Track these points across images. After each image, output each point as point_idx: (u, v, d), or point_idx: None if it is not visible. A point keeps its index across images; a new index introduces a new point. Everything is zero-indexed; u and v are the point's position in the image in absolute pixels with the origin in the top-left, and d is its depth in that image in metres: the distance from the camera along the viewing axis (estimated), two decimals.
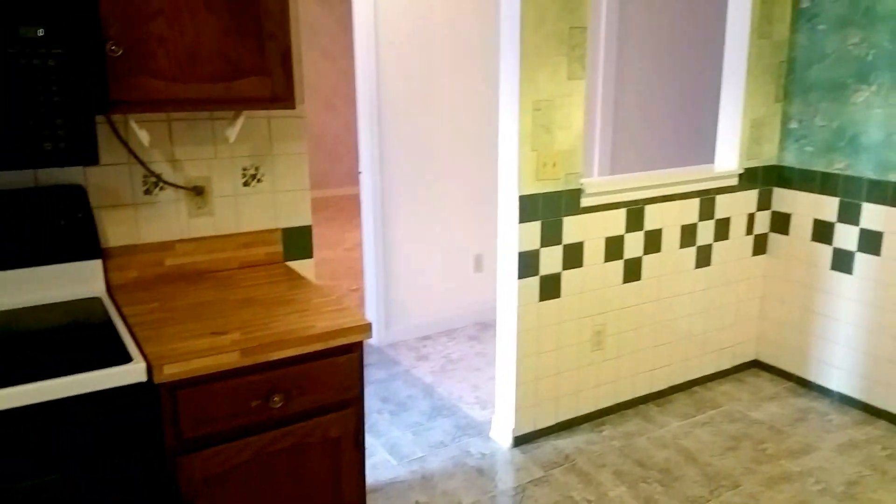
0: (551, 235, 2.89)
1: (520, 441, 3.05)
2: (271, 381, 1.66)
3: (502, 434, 3.05)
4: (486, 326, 4.40)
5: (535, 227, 2.84)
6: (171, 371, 1.51)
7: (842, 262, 3.31)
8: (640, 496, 2.69)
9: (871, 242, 3.18)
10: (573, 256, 2.98)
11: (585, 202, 2.94)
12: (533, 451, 3.00)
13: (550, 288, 2.95)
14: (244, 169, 2.17)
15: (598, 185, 2.95)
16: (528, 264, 2.86)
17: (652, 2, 4.48)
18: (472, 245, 4.34)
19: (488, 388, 3.57)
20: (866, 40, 3.08)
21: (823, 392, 3.48)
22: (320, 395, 1.73)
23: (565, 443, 3.07)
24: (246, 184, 2.18)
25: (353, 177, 8.74)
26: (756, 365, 3.79)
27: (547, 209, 2.85)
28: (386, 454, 3.00)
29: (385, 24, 3.77)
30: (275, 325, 1.72)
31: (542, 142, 2.75)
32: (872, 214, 3.16)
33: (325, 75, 8.25)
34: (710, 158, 4.52)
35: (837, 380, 3.41)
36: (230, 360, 1.58)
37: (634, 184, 3.05)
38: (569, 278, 2.99)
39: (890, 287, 3.14)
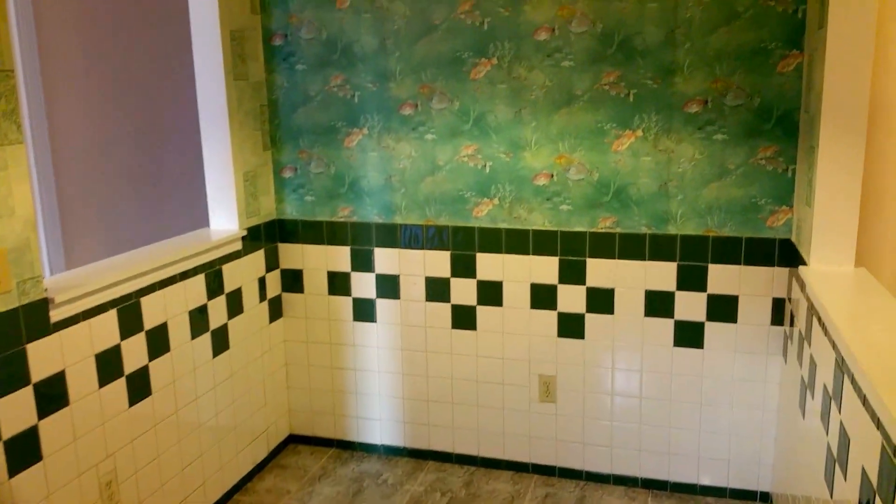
0: (12, 377, 1.91)
1: None
2: None
3: None
4: None
5: None
6: None
7: (363, 311, 3.15)
8: None
9: (388, 287, 3.08)
10: (52, 395, 2.04)
11: (57, 315, 2.04)
12: None
13: (24, 452, 1.96)
14: None
15: (72, 286, 2.08)
16: None
17: (85, 41, 3.63)
18: None
19: None
20: (349, 81, 2.94)
21: (368, 449, 3.29)
22: None
23: None
24: None
25: None
26: (293, 440, 3.39)
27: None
28: None
29: None
30: None
31: None
32: (385, 258, 3.06)
33: None
34: (194, 222, 3.90)
35: (380, 433, 3.26)
36: None
37: (123, 274, 2.27)
38: (51, 429, 2.04)
39: (412, 327, 3.09)
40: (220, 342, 2.80)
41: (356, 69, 2.92)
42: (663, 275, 2.77)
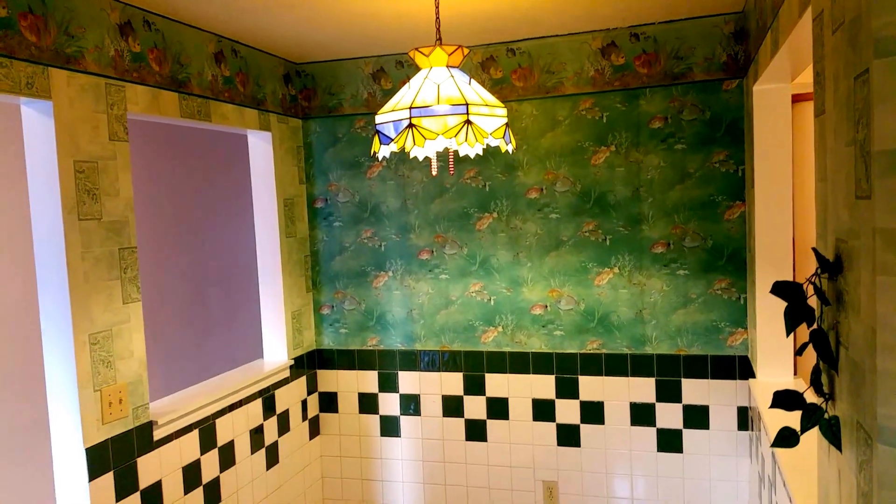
0: (126, 485, 2.42)
1: None
2: None
3: None
4: None
5: (107, 481, 2.33)
6: None
7: (389, 427, 3.65)
8: None
9: (410, 405, 3.60)
10: (153, 500, 2.54)
11: (159, 434, 2.57)
12: None
13: None
14: None
15: (169, 411, 2.62)
16: None
17: (164, 201, 4.35)
18: None
19: None
20: (377, 234, 3.60)
21: None
22: None
23: None
24: None
25: None
26: None
27: (118, 455, 2.39)
28: None
29: None
30: None
31: (103, 378, 2.33)
32: (408, 380, 3.60)
33: None
34: (242, 350, 4.47)
35: None
36: None
37: (205, 399, 2.81)
38: None
39: (431, 440, 3.58)
40: (272, 457, 3.29)
41: (383, 224, 3.59)
42: (644, 389, 3.30)
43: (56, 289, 2.22)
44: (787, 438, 1.46)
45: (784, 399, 1.50)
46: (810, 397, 1.48)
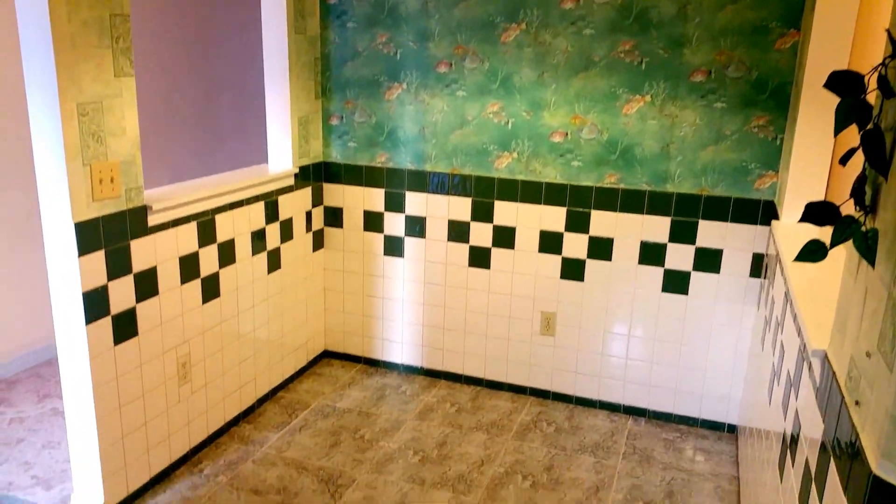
0: (119, 265, 2.38)
1: None
2: None
3: None
4: (11, 384, 3.47)
5: (97, 258, 2.29)
6: None
7: (393, 247, 3.60)
8: None
9: (416, 227, 3.52)
10: (147, 285, 2.52)
11: (153, 220, 2.50)
12: None
13: (125, 326, 2.44)
14: None
15: (165, 198, 2.54)
16: (95, 304, 2.30)
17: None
18: None
19: (46, 462, 2.82)
20: (393, 40, 3.34)
21: (390, 367, 3.77)
22: None
23: (166, 497, 2.63)
24: None
25: None
26: (327, 355, 3.88)
27: (110, 235, 2.33)
28: None
29: None
30: None
31: (94, 153, 2.22)
32: (415, 202, 3.50)
33: None
34: (252, 159, 4.36)
35: (400, 354, 3.73)
36: None
37: (203, 192, 2.73)
38: (145, 311, 2.52)
39: (434, 264, 3.54)
40: (274, 262, 3.27)
41: (400, 29, 3.32)
42: (658, 228, 3.18)
43: (40, 52, 2.05)
44: (813, 252, 1.34)
45: (817, 211, 1.36)
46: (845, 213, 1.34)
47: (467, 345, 3.60)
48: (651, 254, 3.22)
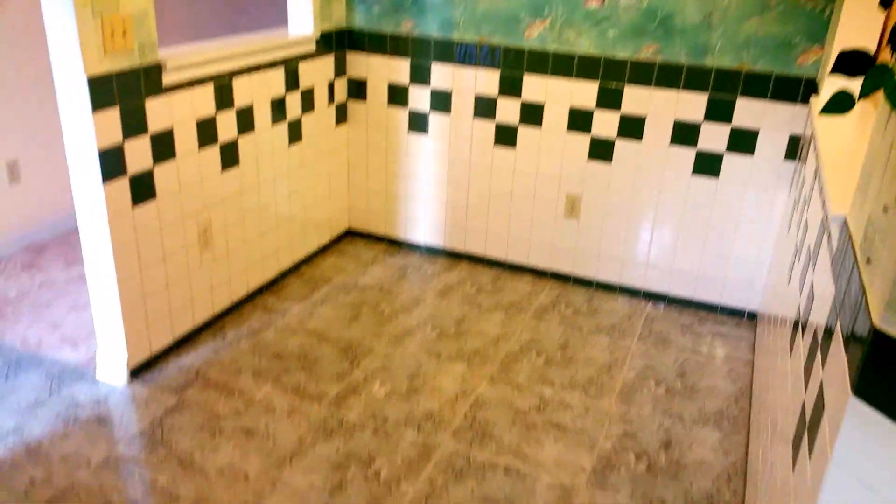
0: (134, 124, 2.37)
1: (137, 372, 2.60)
2: None
3: (113, 371, 2.56)
4: (41, 249, 3.57)
5: (112, 115, 2.27)
6: None
7: (417, 123, 3.51)
8: (287, 388, 2.57)
9: (441, 101, 3.42)
10: (164, 147, 2.51)
11: (168, 79, 2.46)
12: (156, 378, 2.60)
13: (143, 188, 2.45)
14: None
15: (180, 57, 2.48)
16: (111, 163, 2.31)
17: None
18: (1, 148, 3.38)
19: (74, 323, 2.93)
20: None
21: (413, 247, 3.78)
22: None
23: (190, 359, 2.73)
24: None
25: None
26: (351, 234, 3.89)
27: (124, 92, 2.29)
28: None
29: None
30: None
31: (104, 5, 2.15)
32: (441, 74, 3.38)
33: None
34: (269, 23, 4.24)
35: (423, 234, 3.72)
36: None
37: (220, 53, 2.66)
38: (163, 173, 2.53)
39: (460, 142, 3.46)
40: (295, 133, 3.22)
41: None
42: (693, 105, 3.03)
43: None
44: (840, 102, 1.24)
45: (849, 61, 1.25)
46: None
47: (490, 226, 3.57)
48: (684, 133, 3.08)
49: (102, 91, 2.21)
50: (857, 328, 1.09)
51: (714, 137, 3.05)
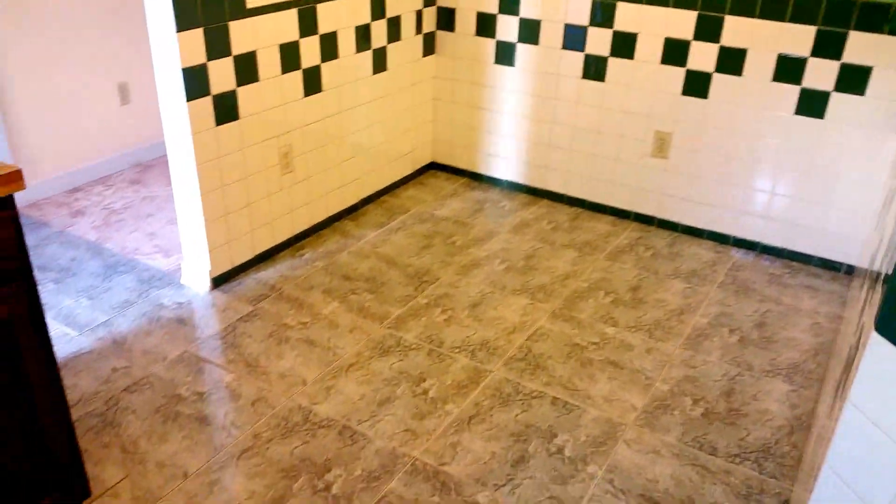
0: (218, 45, 2.47)
1: (219, 282, 2.78)
2: None
3: (197, 278, 2.74)
4: (147, 167, 3.84)
5: (196, 35, 2.38)
6: None
7: (504, 54, 3.44)
8: (352, 307, 2.67)
9: (530, 31, 3.33)
10: (247, 69, 2.60)
11: (252, 2, 2.53)
12: (235, 289, 2.77)
13: (226, 109, 2.57)
14: None
15: None
16: (195, 82, 2.42)
17: None
18: (113, 71, 3.62)
19: (168, 235, 3.15)
20: None
21: (494, 183, 3.75)
22: None
23: (268, 274, 2.88)
24: None
25: None
26: (433, 167, 3.92)
27: (208, 13, 2.39)
28: (61, 326, 2.51)
29: None
30: None
31: None
32: (531, 1, 3.28)
33: None
34: None
35: (504, 170, 3.69)
36: None
37: None
38: (246, 96, 2.63)
39: (546, 75, 3.37)
40: (379, 62, 3.25)
41: None
42: (799, 38, 2.79)
43: None
44: None
45: None
46: None
47: (573, 164, 3.48)
48: (788, 69, 2.86)
49: (187, 12, 2.31)
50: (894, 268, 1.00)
51: (821, 74, 2.80)
